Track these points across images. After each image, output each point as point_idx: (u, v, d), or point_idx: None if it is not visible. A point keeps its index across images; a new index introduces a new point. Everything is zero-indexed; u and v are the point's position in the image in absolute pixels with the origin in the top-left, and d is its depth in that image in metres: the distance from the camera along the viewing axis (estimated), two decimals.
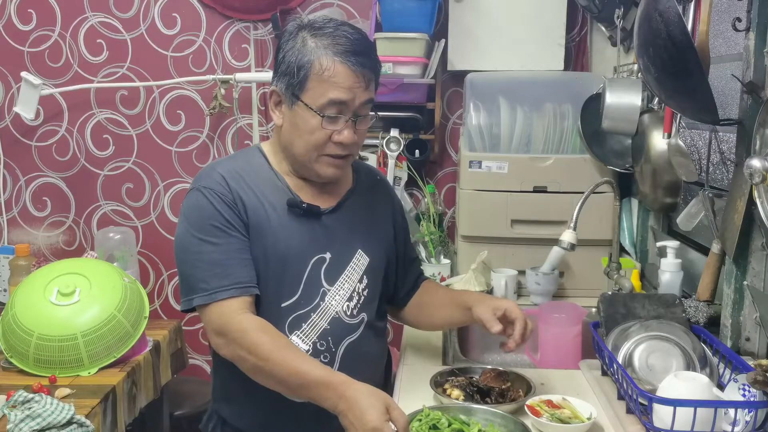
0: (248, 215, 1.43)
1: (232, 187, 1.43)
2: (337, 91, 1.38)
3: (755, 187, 1.35)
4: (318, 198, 1.51)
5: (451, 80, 2.63)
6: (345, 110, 1.40)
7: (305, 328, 1.46)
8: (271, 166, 1.50)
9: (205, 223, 1.41)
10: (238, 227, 1.42)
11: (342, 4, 2.64)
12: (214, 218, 1.41)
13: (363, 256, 1.53)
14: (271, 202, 1.46)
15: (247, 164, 1.50)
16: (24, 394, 1.69)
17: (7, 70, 2.77)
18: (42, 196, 2.85)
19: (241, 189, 1.44)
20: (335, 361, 1.47)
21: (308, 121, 1.41)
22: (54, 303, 1.91)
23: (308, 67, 1.38)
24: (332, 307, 1.48)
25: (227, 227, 1.41)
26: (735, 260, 1.48)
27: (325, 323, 1.47)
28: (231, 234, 1.41)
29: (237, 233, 1.41)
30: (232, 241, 1.40)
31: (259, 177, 1.48)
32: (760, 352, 1.45)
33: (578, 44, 2.59)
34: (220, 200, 1.41)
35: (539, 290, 2.12)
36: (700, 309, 1.54)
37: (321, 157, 1.44)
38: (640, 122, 1.91)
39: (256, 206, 1.44)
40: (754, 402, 1.17)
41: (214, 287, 1.38)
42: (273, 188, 1.48)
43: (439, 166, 2.72)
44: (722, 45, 1.62)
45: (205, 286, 1.38)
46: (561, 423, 1.30)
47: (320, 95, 1.39)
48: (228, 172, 1.45)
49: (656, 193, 1.90)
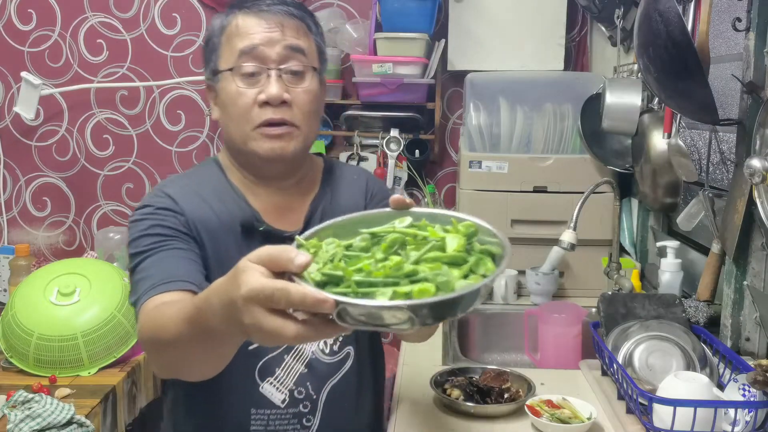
0: (203, 238, 1.22)
1: (184, 207, 1.23)
2: (247, 39, 1.21)
3: (755, 187, 1.35)
4: (285, 217, 1.29)
5: (451, 80, 2.63)
6: (263, 60, 1.22)
7: (279, 374, 1.25)
8: (227, 178, 1.31)
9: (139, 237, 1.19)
10: (175, 235, 1.20)
11: (342, 4, 2.64)
12: (149, 229, 1.20)
13: None
14: (231, 225, 1.25)
15: (202, 179, 1.30)
16: (24, 394, 1.69)
17: (7, 70, 2.77)
18: (42, 196, 2.85)
19: (196, 207, 1.24)
20: (317, 410, 1.28)
21: (229, 90, 1.23)
22: (54, 303, 1.91)
23: (218, 33, 1.26)
24: (306, 347, 1.27)
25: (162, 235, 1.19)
26: (735, 260, 1.48)
27: (301, 366, 1.27)
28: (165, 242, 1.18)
29: (174, 240, 1.19)
30: (169, 245, 1.18)
31: (216, 193, 1.28)
32: (760, 352, 1.45)
33: (578, 44, 2.59)
34: (159, 213, 1.21)
35: (539, 290, 2.12)
36: (700, 309, 1.54)
37: (254, 131, 1.22)
38: (640, 122, 1.91)
39: (216, 229, 1.24)
40: (754, 402, 1.17)
41: (139, 294, 1.12)
42: (233, 206, 1.27)
43: (439, 166, 2.72)
44: (722, 45, 1.62)
45: (133, 298, 1.14)
46: (561, 423, 1.30)
47: (231, 53, 1.23)
48: (178, 192, 1.25)
49: (656, 193, 1.90)
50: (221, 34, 1.25)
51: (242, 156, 1.28)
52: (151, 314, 1.04)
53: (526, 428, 1.34)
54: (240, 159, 1.30)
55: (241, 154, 1.28)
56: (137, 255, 1.18)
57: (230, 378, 1.16)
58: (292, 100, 1.23)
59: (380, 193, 1.42)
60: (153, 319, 1.03)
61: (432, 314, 0.70)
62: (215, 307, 0.81)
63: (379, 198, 1.40)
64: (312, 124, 1.28)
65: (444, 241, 0.79)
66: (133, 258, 1.19)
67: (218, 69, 1.26)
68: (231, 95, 1.23)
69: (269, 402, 1.25)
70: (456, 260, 0.76)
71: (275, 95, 1.21)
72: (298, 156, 1.28)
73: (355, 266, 0.75)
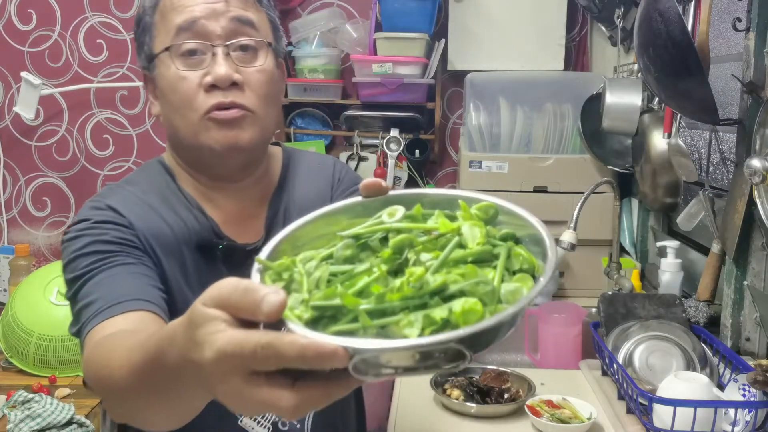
0: (158, 253, 1.03)
1: (131, 219, 1.03)
2: (184, 13, 1.02)
3: (755, 187, 1.35)
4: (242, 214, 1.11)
5: (451, 80, 2.63)
6: (206, 36, 1.02)
7: (258, 416, 1.09)
8: (177, 183, 1.11)
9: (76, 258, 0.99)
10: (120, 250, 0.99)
11: (342, 4, 2.64)
12: (87, 247, 0.99)
13: None
14: (187, 239, 1.06)
15: (148, 186, 1.09)
16: (24, 394, 1.69)
17: (7, 70, 2.77)
18: (42, 196, 2.85)
19: (145, 218, 1.04)
20: None
21: (167, 75, 1.03)
22: (54, 303, 1.91)
23: (151, 11, 1.06)
24: None
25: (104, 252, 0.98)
26: (735, 260, 1.48)
27: None
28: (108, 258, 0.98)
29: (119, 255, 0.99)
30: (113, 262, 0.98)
31: (166, 202, 1.08)
32: (760, 352, 1.45)
33: (578, 44, 2.59)
34: (99, 227, 1.01)
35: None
36: (700, 309, 1.54)
37: (202, 120, 1.02)
38: (640, 122, 1.91)
39: (171, 243, 1.04)
40: (754, 402, 1.17)
41: (82, 323, 0.93)
42: (188, 216, 1.07)
43: (439, 166, 2.72)
44: (722, 45, 1.62)
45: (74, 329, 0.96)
46: (561, 423, 1.30)
47: (167, 31, 1.03)
48: (120, 202, 1.04)
49: (656, 193, 1.90)
50: (154, 11, 1.05)
51: (191, 154, 1.08)
52: (98, 350, 0.84)
53: (526, 428, 1.34)
54: (189, 158, 1.09)
55: (189, 151, 1.07)
56: (75, 280, 0.98)
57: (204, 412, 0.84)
58: (244, 82, 1.02)
59: (348, 179, 1.22)
60: (99, 358, 0.81)
61: (484, 341, 0.51)
62: (172, 365, 0.60)
63: (346, 184, 1.21)
64: (270, 111, 1.07)
65: (461, 234, 0.58)
66: (71, 284, 0.99)
67: (153, 53, 1.05)
68: (170, 81, 1.02)
69: None
70: (483, 257, 0.57)
71: (223, 76, 1.00)
72: (256, 148, 1.07)
73: (356, 287, 0.54)
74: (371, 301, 0.53)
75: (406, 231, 0.59)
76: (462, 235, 0.58)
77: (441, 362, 0.50)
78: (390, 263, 0.57)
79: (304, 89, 2.54)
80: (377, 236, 0.60)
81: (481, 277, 0.53)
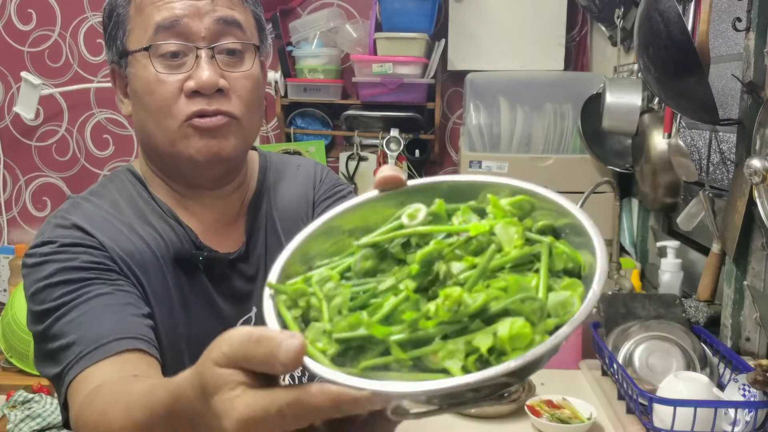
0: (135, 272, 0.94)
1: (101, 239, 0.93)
2: (165, 10, 0.93)
3: (755, 187, 1.35)
4: (221, 222, 1.04)
5: (451, 80, 2.63)
6: (188, 37, 0.94)
7: None
8: (149, 192, 1.02)
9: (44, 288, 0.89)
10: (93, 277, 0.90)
11: (342, 4, 2.64)
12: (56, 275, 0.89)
13: None
14: (164, 252, 0.97)
15: (117, 198, 1.00)
16: (24, 394, 1.69)
17: (7, 70, 2.77)
18: (42, 196, 2.85)
19: (116, 237, 0.95)
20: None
21: (143, 76, 0.94)
22: None
23: (124, 3, 0.97)
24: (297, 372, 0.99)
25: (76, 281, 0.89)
26: (735, 260, 1.48)
27: None
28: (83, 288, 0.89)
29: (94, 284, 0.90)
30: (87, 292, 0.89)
31: (138, 214, 0.99)
32: (760, 352, 1.45)
33: (578, 44, 2.59)
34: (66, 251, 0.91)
35: None
36: (700, 309, 1.54)
37: (182, 127, 0.93)
38: (640, 122, 1.91)
39: (147, 262, 0.95)
40: (754, 402, 1.17)
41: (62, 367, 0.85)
42: (163, 228, 0.99)
43: (440, 166, 2.72)
44: (722, 45, 1.62)
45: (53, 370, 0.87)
46: (561, 423, 1.30)
47: (144, 28, 0.94)
48: (87, 220, 0.95)
49: (656, 193, 1.90)
50: (128, 3, 0.97)
51: (167, 162, 0.99)
52: (91, 408, 0.77)
53: (526, 428, 1.34)
54: (164, 166, 1.01)
55: (164, 159, 0.99)
56: (45, 315, 0.88)
57: None
58: (230, 88, 0.95)
59: (329, 179, 1.15)
60: (96, 417, 0.75)
61: (534, 367, 0.47)
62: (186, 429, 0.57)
63: (327, 184, 1.14)
64: (254, 118, 1.00)
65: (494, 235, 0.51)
66: (40, 318, 0.89)
67: (127, 50, 0.96)
68: (147, 83, 0.94)
69: None
70: (523, 262, 0.50)
71: (208, 82, 0.92)
72: (239, 157, 1.00)
73: (382, 312, 0.48)
74: (403, 330, 0.46)
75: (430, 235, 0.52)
76: (496, 235, 0.51)
77: (486, 395, 0.47)
78: (418, 280, 0.50)
79: (304, 89, 2.54)
80: (398, 242, 0.53)
81: (526, 292, 0.47)
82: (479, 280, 0.48)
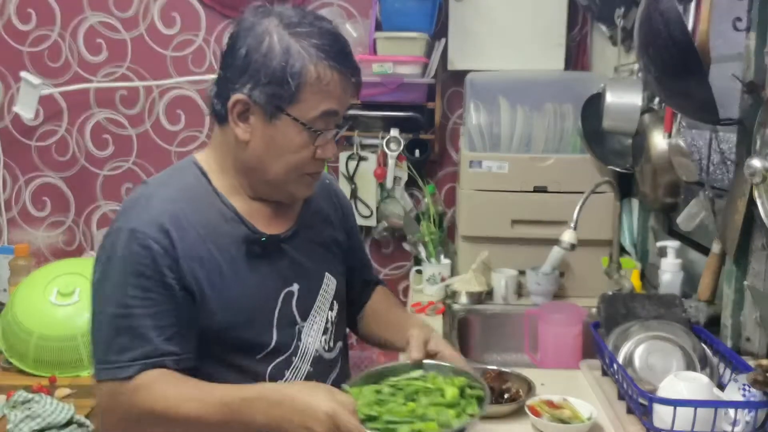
0: (193, 272, 1.16)
1: (174, 237, 1.15)
2: (331, 101, 1.19)
3: (755, 187, 1.35)
4: (273, 222, 1.28)
5: (451, 80, 2.63)
6: (333, 122, 1.22)
7: (288, 376, 1.25)
8: (213, 187, 1.24)
9: (127, 278, 1.13)
10: (165, 288, 1.14)
11: (342, 4, 2.64)
12: (140, 274, 1.13)
13: (331, 280, 1.34)
14: (222, 244, 1.20)
15: (186, 192, 1.21)
16: (24, 394, 1.69)
17: (7, 69, 2.77)
18: (42, 196, 2.85)
19: (184, 237, 1.16)
20: None
21: (294, 138, 1.18)
22: (54, 303, 1.91)
23: (302, 76, 1.15)
24: (311, 345, 1.28)
25: (153, 287, 1.13)
26: (735, 260, 1.48)
27: (307, 366, 1.27)
28: (154, 296, 1.13)
29: (162, 295, 1.14)
30: (151, 305, 1.13)
31: (203, 210, 1.21)
32: (760, 352, 1.44)
33: (578, 44, 2.59)
34: (153, 253, 1.13)
35: (539, 290, 2.12)
36: (700, 309, 1.54)
37: (301, 177, 1.23)
38: (640, 122, 1.91)
39: (203, 257, 1.17)
40: (754, 402, 1.17)
41: (115, 361, 1.12)
42: (221, 222, 1.21)
43: (439, 166, 2.72)
44: (722, 45, 1.62)
45: (107, 357, 1.13)
46: (561, 423, 1.30)
47: (313, 107, 1.17)
48: (166, 211, 1.17)
49: (656, 193, 1.90)
50: (304, 75, 1.15)
51: (268, 187, 1.25)
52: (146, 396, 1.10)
53: (527, 428, 1.34)
54: (260, 186, 1.25)
55: (268, 185, 1.24)
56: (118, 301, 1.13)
57: None
58: None
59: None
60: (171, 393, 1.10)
61: None
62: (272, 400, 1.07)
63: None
64: None
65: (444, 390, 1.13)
66: (111, 300, 1.13)
67: (288, 111, 1.17)
68: (295, 144, 1.19)
69: None
70: (452, 403, 1.11)
71: (334, 156, 1.29)
72: None
73: (385, 408, 1.09)
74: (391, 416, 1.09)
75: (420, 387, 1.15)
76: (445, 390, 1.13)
77: None
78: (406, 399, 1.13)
79: None
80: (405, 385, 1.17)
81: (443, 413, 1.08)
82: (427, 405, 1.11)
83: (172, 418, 1.09)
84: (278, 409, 1.05)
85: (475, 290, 2.12)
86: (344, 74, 1.19)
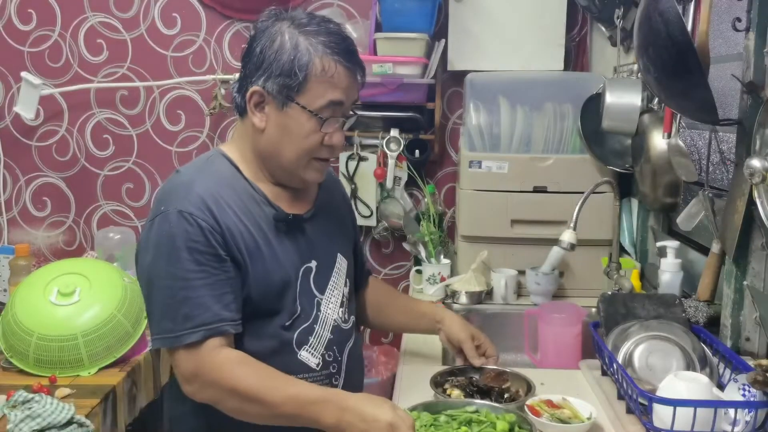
0: (237, 245, 1.31)
1: (217, 215, 1.30)
2: (336, 92, 1.32)
3: (755, 187, 1.35)
4: (294, 204, 1.43)
5: (451, 80, 2.63)
6: (339, 112, 1.35)
7: (312, 341, 1.39)
8: (243, 176, 1.39)
9: (181, 254, 1.26)
10: (218, 260, 1.29)
11: (342, 4, 2.64)
12: (192, 249, 1.27)
13: (342, 260, 1.49)
14: (255, 222, 1.35)
15: (220, 178, 1.36)
16: (24, 394, 1.69)
17: (7, 70, 2.77)
18: (42, 196, 2.85)
19: (225, 215, 1.31)
20: (341, 370, 1.44)
21: (303, 124, 1.33)
22: (54, 303, 1.91)
23: (309, 68, 1.30)
24: (330, 315, 1.43)
25: (206, 260, 1.27)
26: (735, 260, 1.48)
27: (328, 333, 1.42)
28: (208, 268, 1.27)
29: (216, 267, 1.28)
30: (207, 276, 1.27)
31: (236, 193, 1.36)
32: (760, 352, 1.45)
33: (578, 44, 2.59)
34: (203, 230, 1.27)
35: (539, 290, 2.12)
36: (700, 309, 1.54)
37: (311, 161, 1.37)
38: (640, 122, 1.91)
39: (243, 232, 1.32)
40: (754, 402, 1.17)
41: (179, 329, 1.26)
42: (252, 203, 1.37)
43: (439, 166, 2.72)
44: (722, 45, 1.62)
45: (171, 326, 1.27)
46: (561, 423, 1.30)
47: (319, 96, 1.31)
48: (207, 193, 1.31)
49: (656, 193, 1.90)
50: (311, 67, 1.30)
51: (283, 172, 1.39)
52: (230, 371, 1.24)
53: None
54: (277, 171, 1.39)
55: (283, 170, 1.38)
56: (174, 276, 1.26)
57: (272, 351, 1.35)
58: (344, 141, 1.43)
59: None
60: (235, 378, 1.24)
61: None
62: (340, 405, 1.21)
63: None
64: None
65: (496, 423, 1.25)
66: (168, 275, 1.27)
67: (297, 101, 1.31)
68: (304, 131, 1.33)
69: (307, 367, 1.39)
70: None
71: (342, 144, 1.38)
72: None
73: (440, 431, 1.23)
74: None
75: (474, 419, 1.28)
76: (496, 424, 1.25)
77: None
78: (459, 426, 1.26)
79: None
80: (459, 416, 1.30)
81: None
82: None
83: (252, 399, 1.23)
84: (345, 414, 1.19)
85: (474, 290, 2.12)
86: (349, 68, 1.33)
